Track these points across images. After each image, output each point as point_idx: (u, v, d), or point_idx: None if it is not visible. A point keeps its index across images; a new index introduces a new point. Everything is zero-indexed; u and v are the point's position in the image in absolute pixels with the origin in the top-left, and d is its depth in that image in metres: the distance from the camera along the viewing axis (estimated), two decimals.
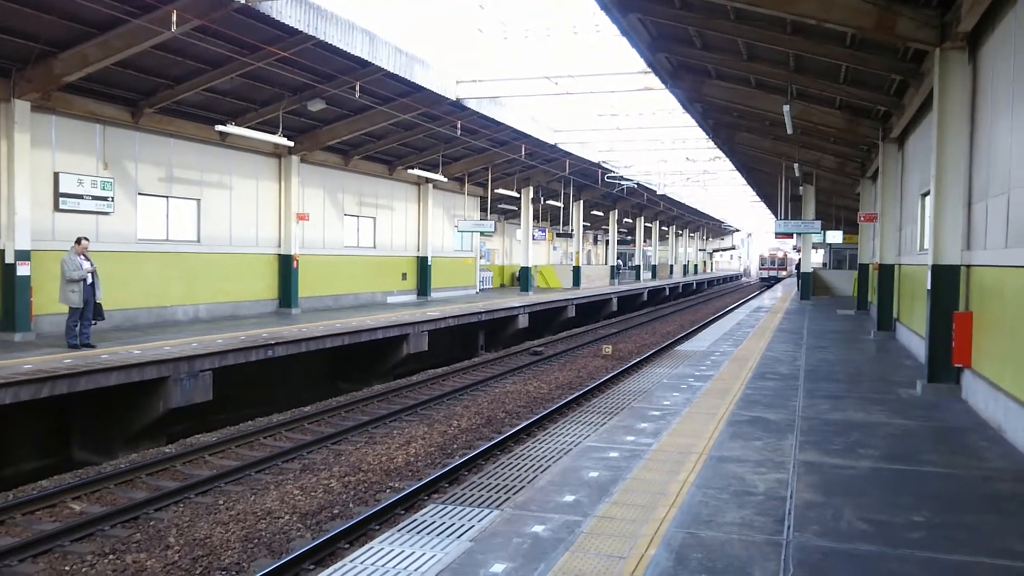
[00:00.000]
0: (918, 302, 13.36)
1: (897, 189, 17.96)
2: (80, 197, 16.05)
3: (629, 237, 65.91)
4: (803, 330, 18.84)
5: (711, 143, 26.09)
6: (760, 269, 78.28)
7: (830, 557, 4.61)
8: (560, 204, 40.71)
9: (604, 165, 34.02)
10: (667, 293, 51.28)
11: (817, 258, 49.61)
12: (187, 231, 19.21)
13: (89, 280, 13.35)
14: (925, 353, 10.39)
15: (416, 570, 4.43)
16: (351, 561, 4.58)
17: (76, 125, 16.06)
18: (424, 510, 5.54)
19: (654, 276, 59.88)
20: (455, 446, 12.16)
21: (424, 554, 4.67)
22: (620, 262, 56.55)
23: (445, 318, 21.27)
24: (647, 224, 58.85)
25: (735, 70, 16.00)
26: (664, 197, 44.78)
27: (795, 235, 30.75)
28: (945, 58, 9.84)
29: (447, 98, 20.26)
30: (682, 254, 74.34)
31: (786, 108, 15.04)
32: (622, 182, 36.86)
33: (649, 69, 16.63)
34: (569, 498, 5.66)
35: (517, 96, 22.20)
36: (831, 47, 12.70)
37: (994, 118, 8.86)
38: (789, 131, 16.64)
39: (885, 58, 12.85)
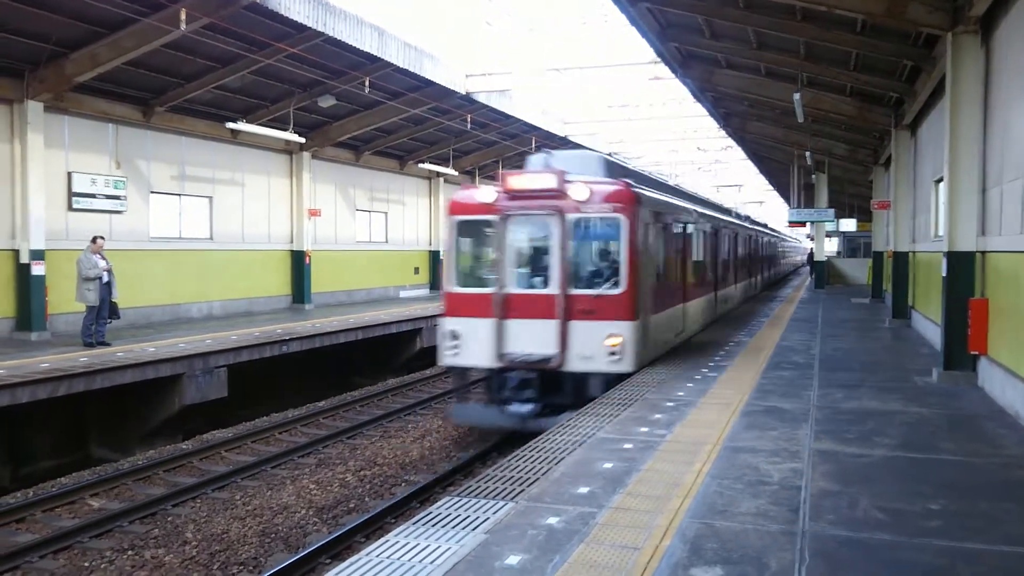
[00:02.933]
0: (933, 289, 13.27)
1: (910, 176, 17.82)
2: (93, 196, 16.15)
3: None
4: (817, 319, 18.75)
5: (722, 132, 25.97)
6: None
7: (846, 546, 4.60)
8: None
9: (613, 157, 33.91)
10: None
11: (831, 246, 49.30)
12: (200, 228, 19.29)
13: (105, 279, 13.45)
14: (941, 340, 10.32)
15: (432, 562, 4.44)
16: (367, 555, 4.60)
17: (89, 125, 16.15)
18: (439, 503, 5.55)
19: None
20: (469, 439, 12.19)
21: (440, 547, 4.68)
22: None
23: None
24: None
25: (745, 59, 15.91)
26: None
27: (808, 223, 30.60)
28: (957, 43, 9.74)
29: (457, 92, 20.25)
30: None
31: (796, 96, 14.94)
32: None
33: (659, 59, 16.56)
34: (583, 490, 5.66)
35: (526, 88, 22.18)
36: (841, 33, 12.61)
37: (1008, 102, 8.77)
38: (800, 119, 16.53)
39: (896, 44, 12.74)
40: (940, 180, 12.68)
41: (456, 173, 28.69)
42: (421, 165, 27.08)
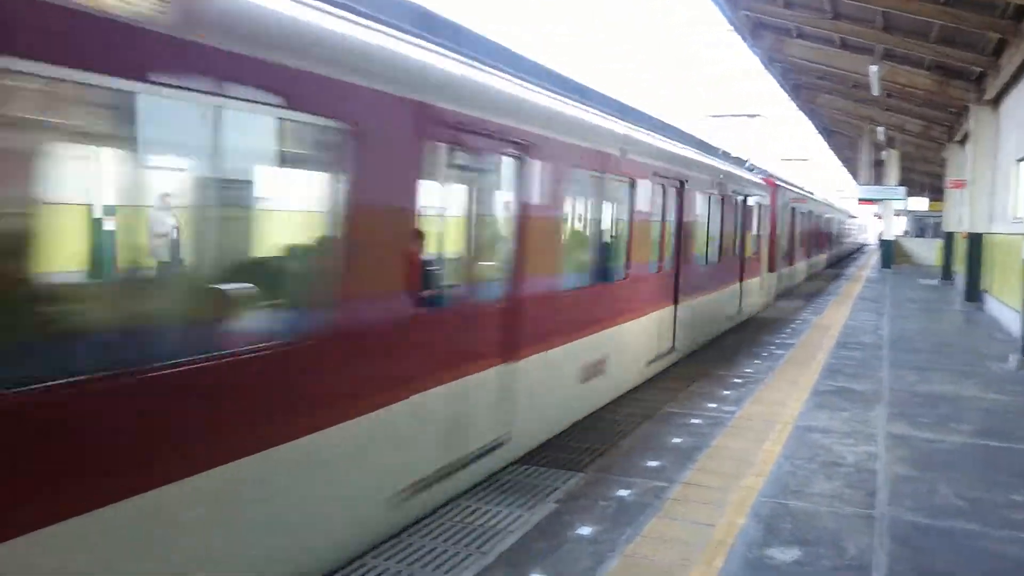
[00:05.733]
0: (1011, 273, 12.80)
1: (990, 154, 17.16)
2: None
3: None
4: (885, 299, 18.31)
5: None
6: None
7: (928, 534, 4.49)
8: None
9: None
10: None
11: (899, 226, 47.89)
12: None
13: None
14: (1020, 326, 9.97)
15: (504, 528, 4.48)
16: (439, 517, 4.66)
17: None
18: (509, 469, 5.59)
19: None
20: None
21: (511, 513, 4.72)
22: None
23: None
24: None
25: (818, 29, 15.47)
26: None
27: (877, 202, 29.79)
28: None
29: None
30: None
31: (873, 69, 14.48)
32: None
33: (731, 27, 16.21)
34: (653, 463, 5.63)
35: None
36: (922, 4, 12.18)
37: None
38: (875, 93, 16.04)
39: (982, 15, 12.24)
40: None
41: None
42: None
